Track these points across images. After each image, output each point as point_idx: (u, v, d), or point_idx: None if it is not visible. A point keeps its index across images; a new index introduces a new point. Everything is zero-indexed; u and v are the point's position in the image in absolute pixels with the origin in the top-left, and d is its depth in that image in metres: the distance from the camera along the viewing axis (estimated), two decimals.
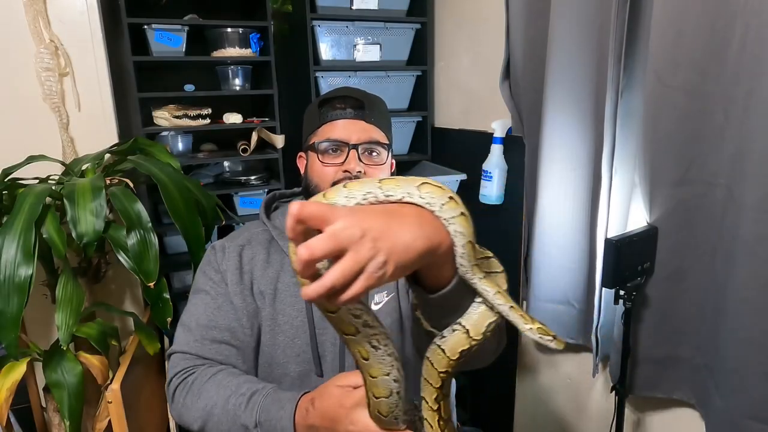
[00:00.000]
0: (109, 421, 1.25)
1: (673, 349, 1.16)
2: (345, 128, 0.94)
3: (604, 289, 1.27)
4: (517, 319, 0.62)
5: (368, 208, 0.52)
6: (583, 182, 1.31)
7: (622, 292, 1.15)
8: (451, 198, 0.53)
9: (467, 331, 0.61)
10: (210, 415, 0.83)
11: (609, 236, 1.18)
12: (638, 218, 1.18)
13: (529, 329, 0.62)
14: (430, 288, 0.59)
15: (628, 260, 1.10)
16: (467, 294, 0.61)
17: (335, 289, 0.46)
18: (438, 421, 0.67)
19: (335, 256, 0.46)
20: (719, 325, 1.06)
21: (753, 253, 0.96)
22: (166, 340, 1.61)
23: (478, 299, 0.62)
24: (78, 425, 1.21)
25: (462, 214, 0.53)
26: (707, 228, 1.07)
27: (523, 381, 1.77)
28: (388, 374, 0.60)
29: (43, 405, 1.56)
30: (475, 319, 0.61)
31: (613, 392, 1.23)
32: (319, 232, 0.46)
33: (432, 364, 0.63)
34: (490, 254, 0.65)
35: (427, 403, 0.67)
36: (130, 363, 1.32)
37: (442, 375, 0.63)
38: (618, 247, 1.08)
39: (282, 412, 0.76)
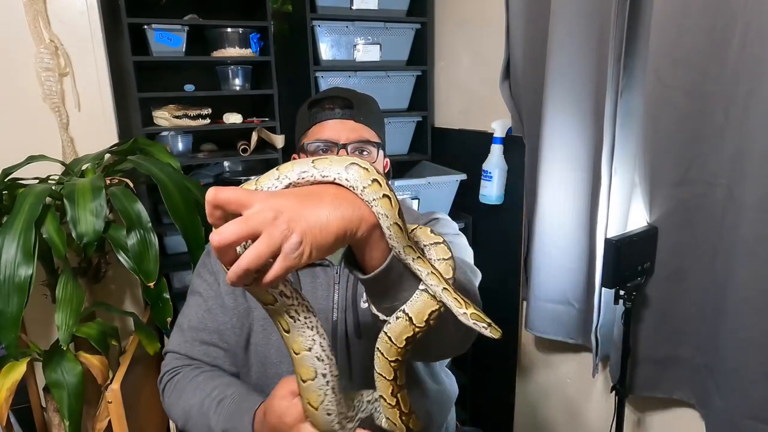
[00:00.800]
0: (109, 421, 1.25)
1: (673, 349, 1.16)
2: (334, 128, 0.95)
3: (604, 289, 1.27)
4: (450, 302, 0.59)
5: (287, 191, 0.53)
6: (583, 182, 1.31)
7: (622, 292, 1.15)
8: (374, 180, 0.53)
9: (410, 319, 0.60)
10: (188, 416, 0.87)
11: (609, 236, 1.18)
12: (638, 218, 1.18)
13: (462, 314, 0.60)
14: (365, 269, 0.59)
15: (628, 260, 1.10)
16: (406, 277, 0.60)
17: (250, 271, 0.47)
18: (400, 417, 0.66)
19: (253, 240, 0.47)
20: (719, 325, 1.06)
21: (753, 253, 0.96)
22: (166, 340, 1.61)
23: (422, 286, 0.61)
24: (78, 425, 1.21)
25: (385, 196, 0.53)
26: (707, 228, 1.07)
27: (523, 381, 1.77)
28: (309, 349, 0.58)
29: (43, 405, 1.56)
30: (418, 307, 0.60)
31: (613, 392, 1.23)
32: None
33: (382, 353, 0.63)
34: (440, 240, 0.63)
35: (386, 400, 0.66)
36: (130, 363, 1.32)
37: (393, 365, 0.63)
38: (618, 247, 1.08)
39: (243, 420, 0.78)
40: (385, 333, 0.62)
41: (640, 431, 1.34)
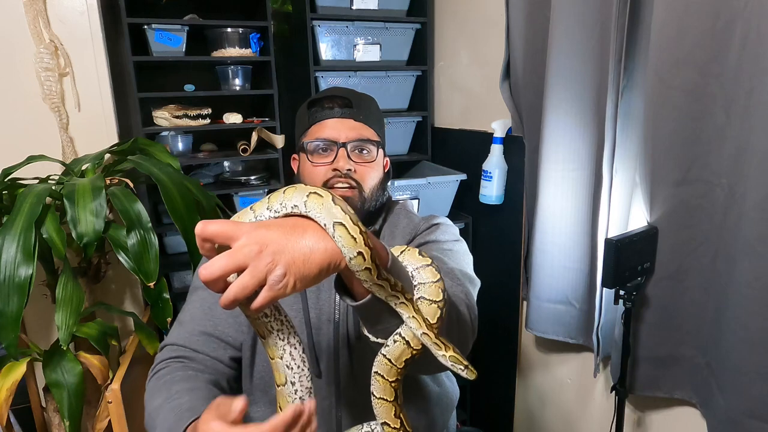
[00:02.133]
0: (109, 421, 1.25)
1: (674, 348, 1.16)
2: (333, 127, 0.95)
3: (604, 289, 1.27)
4: (431, 345, 0.62)
5: (272, 222, 0.55)
6: (584, 182, 1.31)
7: (622, 292, 1.15)
8: (332, 206, 0.53)
9: (407, 342, 0.62)
10: (149, 416, 0.82)
11: (609, 236, 1.18)
12: (639, 218, 1.18)
13: (442, 356, 0.62)
14: (354, 296, 0.60)
15: (629, 260, 1.10)
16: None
17: (238, 301, 0.51)
18: None
19: (240, 271, 0.50)
20: (720, 324, 1.06)
21: (754, 252, 0.96)
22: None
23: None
24: (78, 425, 1.21)
25: (340, 223, 0.53)
26: (708, 228, 1.07)
27: (523, 381, 1.77)
28: (281, 357, 0.60)
29: (43, 405, 1.56)
30: (413, 331, 0.62)
31: (614, 392, 1.23)
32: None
33: (382, 376, 0.64)
34: (428, 261, 0.65)
35: (390, 425, 0.67)
36: (130, 363, 1.32)
37: (393, 384, 0.65)
38: (618, 247, 1.08)
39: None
40: (384, 356, 0.63)
41: (640, 431, 1.34)
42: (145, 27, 1.60)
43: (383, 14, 1.89)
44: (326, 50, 1.84)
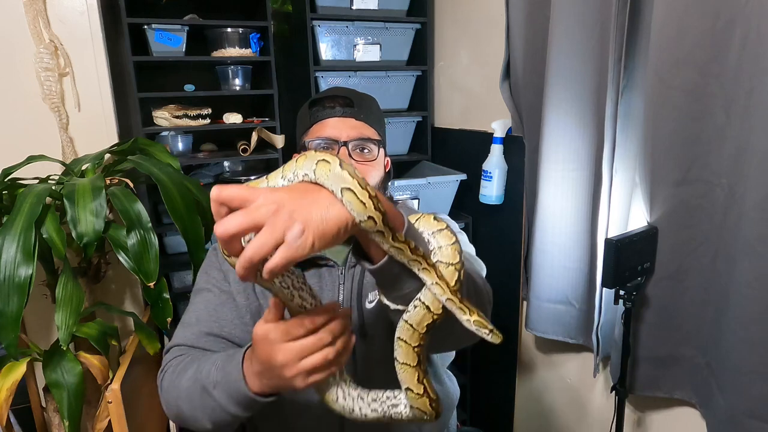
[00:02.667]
0: (109, 421, 1.25)
1: (674, 348, 1.16)
2: (335, 126, 0.95)
3: (604, 288, 1.27)
4: (455, 310, 0.61)
5: (287, 187, 0.55)
6: (584, 182, 1.31)
7: (622, 292, 1.15)
8: (339, 171, 0.53)
9: (427, 307, 0.62)
10: (184, 392, 0.79)
11: (609, 236, 1.18)
12: (638, 218, 1.18)
13: (466, 320, 0.61)
14: (372, 260, 0.60)
15: (629, 260, 1.10)
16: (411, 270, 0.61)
17: (254, 262, 0.49)
18: (430, 404, 0.67)
19: (256, 231, 0.49)
20: (720, 324, 1.06)
21: (754, 252, 0.96)
22: (166, 340, 1.61)
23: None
24: (78, 425, 1.21)
25: (348, 189, 0.52)
26: (708, 228, 1.07)
27: (523, 381, 1.77)
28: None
29: (43, 405, 1.56)
30: (433, 295, 0.61)
31: (613, 392, 1.23)
32: None
33: (405, 341, 0.64)
34: (443, 225, 0.64)
35: (413, 390, 0.66)
36: (130, 363, 1.32)
37: (417, 350, 0.64)
38: (618, 247, 1.08)
39: (233, 364, 0.73)
40: (406, 321, 0.63)
41: (640, 431, 1.34)
42: (145, 27, 1.60)
43: (383, 14, 1.89)
44: (326, 50, 1.84)
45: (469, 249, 0.98)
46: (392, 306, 0.64)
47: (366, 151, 0.96)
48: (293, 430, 0.94)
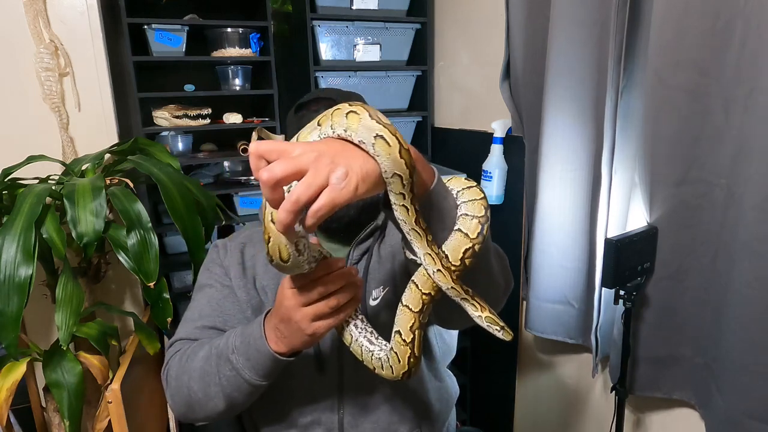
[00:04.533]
0: (109, 421, 1.25)
1: (674, 348, 1.16)
2: None
3: (604, 289, 1.27)
4: (467, 305, 0.63)
5: (323, 140, 0.55)
6: (583, 182, 1.31)
7: (622, 292, 1.15)
8: (368, 121, 0.53)
9: (446, 256, 0.62)
10: (196, 373, 0.80)
11: (609, 236, 1.18)
12: (638, 218, 1.18)
13: (477, 317, 0.62)
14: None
15: (628, 260, 1.10)
16: (444, 211, 0.64)
17: (300, 202, 0.49)
18: (408, 357, 0.67)
19: (299, 178, 0.50)
20: (720, 325, 1.06)
21: (753, 253, 0.96)
22: (166, 340, 1.61)
23: (456, 226, 0.64)
24: (78, 425, 1.21)
25: (380, 136, 0.52)
26: (708, 228, 1.07)
27: (523, 381, 1.77)
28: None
29: (43, 405, 1.56)
30: (453, 245, 0.62)
31: (613, 392, 1.23)
32: None
33: (416, 285, 0.65)
34: (473, 183, 0.66)
35: (401, 335, 0.67)
36: (130, 363, 1.32)
37: (424, 298, 0.65)
38: (618, 247, 1.08)
39: (253, 326, 0.75)
40: (425, 268, 0.63)
41: (640, 431, 1.34)
42: (145, 27, 1.60)
43: (383, 14, 1.89)
44: (326, 50, 1.84)
45: None
46: (410, 256, 0.66)
47: None
48: (292, 422, 0.94)
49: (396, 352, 0.67)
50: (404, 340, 0.66)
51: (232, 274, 0.95)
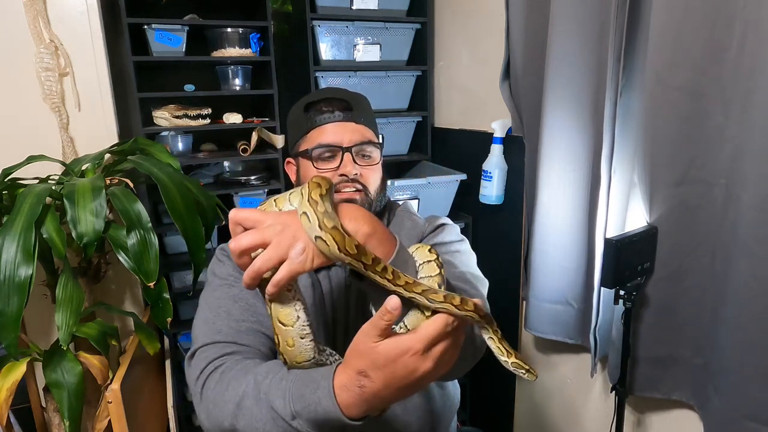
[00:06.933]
0: (109, 421, 1.25)
1: (673, 349, 1.16)
2: (335, 132, 0.93)
3: (603, 289, 1.27)
4: (494, 348, 0.68)
5: (292, 210, 0.63)
6: (583, 182, 1.32)
7: (622, 292, 1.15)
8: (307, 197, 0.59)
9: (408, 330, 0.62)
10: (241, 405, 0.69)
11: (609, 236, 1.18)
12: (638, 218, 1.18)
13: (504, 361, 0.67)
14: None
15: (628, 260, 1.10)
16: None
17: (261, 272, 0.57)
18: None
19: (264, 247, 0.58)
20: (718, 325, 1.06)
21: (752, 253, 0.96)
22: (166, 340, 1.61)
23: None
24: (78, 425, 1.21)
25: (318, 237, 0.57)
26: (707, 228, 1.07)
27: (523, 381, 1.77)
28: (293, 324, 0.66)
29: (43, 405, 1.56)
30: (411, 321, 0.62)
31: (613, 392, 1.24)
32: None
33: (408, 328, 0.64)
34: (434, 257, 0.66)
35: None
36: (130, 363, 1.32)
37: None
38: (618, 247, 1.08)
39: (320, 386, 0.63)
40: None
41: (639, 431, 1.34)
42: (145, 27, 1.60)
43: (383, 14, 1.89)
44: (326, 50, 1.84)
45: (472, 258, 0.96)
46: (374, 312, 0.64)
47: (367, 155, 0.95)
48: None
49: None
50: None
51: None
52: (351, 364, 0.61)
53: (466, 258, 0.95)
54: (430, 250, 0.67)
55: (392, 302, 0.55)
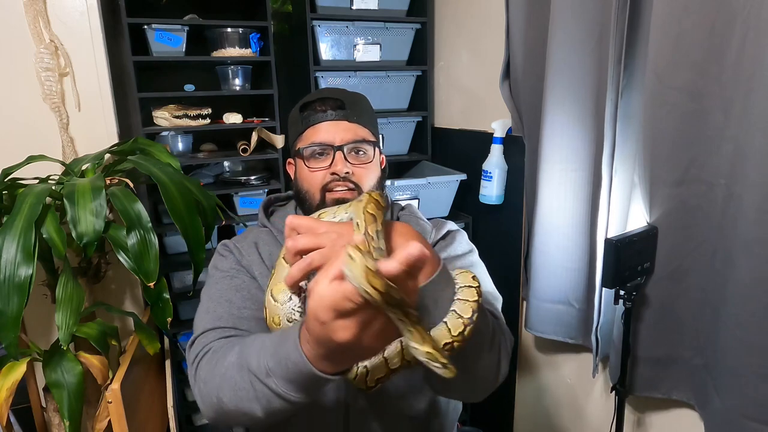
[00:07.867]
0: (109, 421, 1.25)
1: (673, 349, 1.16)
2: (328, 130, 0.94)
3: (604, 289, 1.27)
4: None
5: (344, 223, 0.69)
6: (583, 182, 1.31)
7: (622, 292, 1.15)
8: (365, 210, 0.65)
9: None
10: (224, 377, 0.69)
11: (609, 236, 1.18)
12: (638, 218, 1.18)
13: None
14: None
15: (628, 260, 1.10)
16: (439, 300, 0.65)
17: (312, 267, 0.62)
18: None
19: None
20: (718, 325, 1.06)
21: (752, 253, 0.96)
22: (166, 340, 1.61)
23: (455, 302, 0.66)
24: (78, 425, 1.21)
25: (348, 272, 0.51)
26: (707, 228, 1.07)
27: (523, 381, 1.77)
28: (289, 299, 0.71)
29: (43, 405, 1.56)
30: (435, 335, 0.63)
31: (613, 392, 1.23)
32: None
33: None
34: (476, 283, 0.68)
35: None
36: (130, 363, 1.32)
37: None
38: (618, 247, 1.08)
39: (288, 343, 0.62)
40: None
41: (640, 431, 1.34)
42: (145, 27, 1.60)
43: (383, 14, 1.89)
44: (326, 50, 1.84)
45: (482, 267, 0.97)
46: None
47: (361, 153, 0.95)
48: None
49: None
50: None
51: (256, 272, 0.91)
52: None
53: (481, 271, 0.95)
54: (473, 277, 0.68)
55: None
